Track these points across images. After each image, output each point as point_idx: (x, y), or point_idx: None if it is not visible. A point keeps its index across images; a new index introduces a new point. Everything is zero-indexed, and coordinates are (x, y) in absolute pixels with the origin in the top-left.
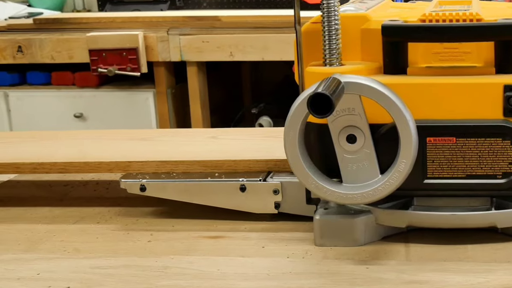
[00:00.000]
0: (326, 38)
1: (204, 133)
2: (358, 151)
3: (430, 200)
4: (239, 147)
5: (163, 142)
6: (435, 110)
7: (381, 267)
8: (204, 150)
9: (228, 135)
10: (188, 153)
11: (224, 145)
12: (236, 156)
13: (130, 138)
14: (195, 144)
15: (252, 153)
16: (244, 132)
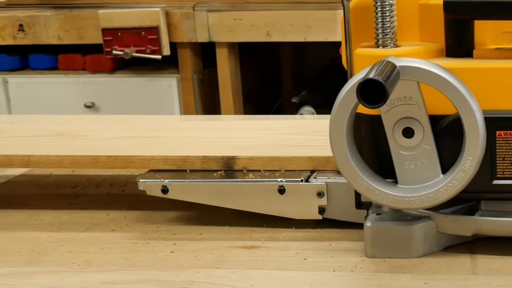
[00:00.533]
0: (379, 15)
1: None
2: (416, 146)
3: (500, 204)
4: (274, 141)
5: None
6: (507, 99)
7: (442, 282)
8: (228, 143)
9: (260, 126)
10: (205, 147)
11: (254, 138)
12: (270, 152)
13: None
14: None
15: (291, 148)
16: (281, 122)
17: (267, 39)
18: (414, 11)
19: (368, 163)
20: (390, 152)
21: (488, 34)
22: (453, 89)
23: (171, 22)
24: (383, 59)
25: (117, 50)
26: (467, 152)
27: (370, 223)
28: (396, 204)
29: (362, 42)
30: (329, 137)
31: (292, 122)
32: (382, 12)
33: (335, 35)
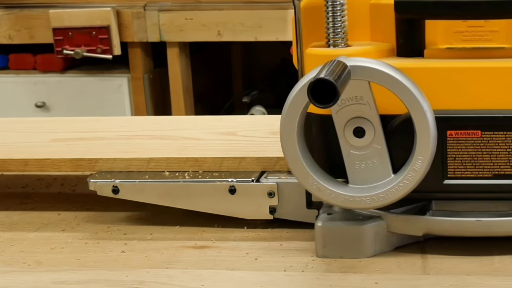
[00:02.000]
0: (330, 14)
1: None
2: (366, 146)
3: (451, 204)
4: (225, 142)
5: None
6: (457, 99)
7: (393, 282)
8: (179, 145)
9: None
10: (161, 148)
11: (207, 140)
12: (221, 152)
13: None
14: (171, 136)
15: (241, 149)
16: (232, 122)
17: (218, 38)
18: (365, 11)
19: (319, 163)
20: (341, 152)
21: (439, 33)
22: (404, 89)
23: (122, 21)
24: (334, 58)
25: (68, 49)
26: (418, 151)
27: (321, 223)
28: (347, 204)
29: (313, 42)
30: (280, 137)
31: (243, 121)
32: (333, 11)
33: (286, 35)
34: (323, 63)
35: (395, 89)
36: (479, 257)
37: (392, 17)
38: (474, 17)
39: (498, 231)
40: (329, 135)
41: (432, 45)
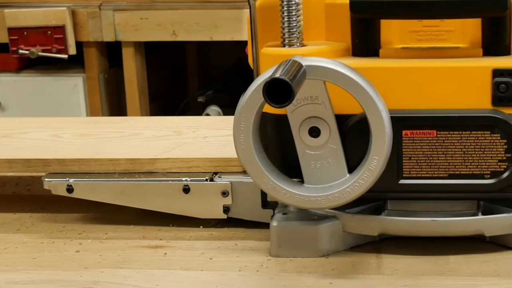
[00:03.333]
0: (285, 14)
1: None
2: (322, 146)
3: (407, 204)
4: (179, 142)
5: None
6: (412, 98)
7: (347, 281)
8: (130, 145)
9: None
10: (114, 150)
11: (160, 140)
12: (174, 153)
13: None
14: (122, 137)
15: (196, 149)
16: (186, 122)
17: (173, 38)
18: (320, 11)
19: (274, 163)
20: (296, 152)
21: (394, 33)
22: (359, 89)
23: (77, 21)
24: (289, 58)
25: (23, 49)
26: (373, 151)
27: (276, 223)
28: (302, 204)
29: (269, 41)
30: (233, 137)
31: (197, 121)
32: (288, 11)
33: (241, 34)
34: (278, 63)
35: (350, 88)
36: (434, 257)
37: (348, 16)
38: (429, 16)
39: (453, 231)
40: (285, 134)
41: (387, 44)
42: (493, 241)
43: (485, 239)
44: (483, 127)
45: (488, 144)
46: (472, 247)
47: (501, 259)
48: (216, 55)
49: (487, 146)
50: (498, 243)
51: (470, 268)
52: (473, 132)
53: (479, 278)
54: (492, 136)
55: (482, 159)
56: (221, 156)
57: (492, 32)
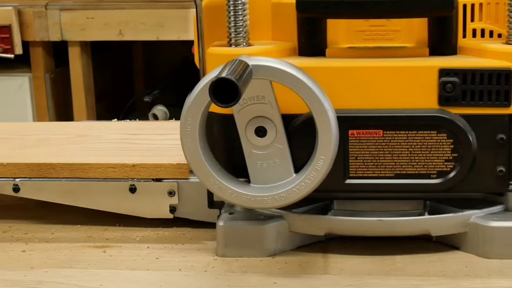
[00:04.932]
0: (232, 14)
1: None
2: (268, 146)
3: (353, 203)
4: (124, 145)
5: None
6: (359, 98)
7: (292, 281)
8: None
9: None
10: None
11: (108, 143)
12: (120, 158)
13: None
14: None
15: (140, 150)
16: (131, 125)
17: (120, 38)
18: (266, 10)
19: (220, 163)
20: (243, 151)
21: (341, 33)
22: (306, 88)
23: (23, 21)
24: (236, 58)
25: None
26: (319, 151)
27: (222, 223)
28: (248, 204)
29: (215, 41)
30: (180, 136)
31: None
32: (235, 11)
33: (187, 34)
34: (224, 63)
35: (296, 88)
36: (381, 257)
37: (294, 16)
38: (375, 16)
39: (400, 231)
40: (231, 134)
41: (334, 44)
42: (440, 241)
43: (431, 239)
44: (430, 127)
45: (435, 144)
46: (418, 247)
47: (448, 258)
48: (163, 54)
49: (433, 145)
50: (445, 242)
51: (416, 268)
52: (420, 132)
53: (425, 278)
54: (438, 136)
55: (429, 159)
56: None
57: (438, 31)
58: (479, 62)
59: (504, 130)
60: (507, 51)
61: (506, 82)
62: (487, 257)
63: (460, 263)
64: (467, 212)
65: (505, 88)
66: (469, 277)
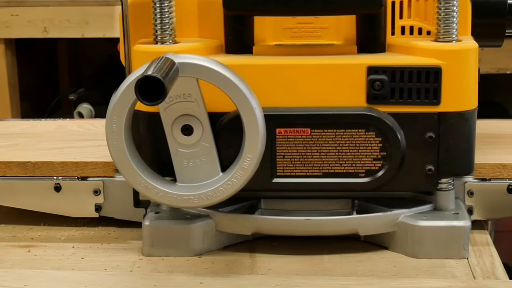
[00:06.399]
0: (158, 11)
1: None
2: (195, 144)
3: (281, 202)
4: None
5: None
6: (286, 96)
7: (218, 281)
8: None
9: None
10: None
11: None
12: (45, 156)
13: None
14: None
15: (66, 148)
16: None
17: (44, 35)
18: (193, 7)
19: (146, 161)
20: (169, 150)
21: (268, 30)
22: (232, 86)
23: None
24: (162, 55)
25: None
26: (246, 150)
27: (148, 222)
28: (174, 203)
29: (141, 39)
30: (105, 135)
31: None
32: (161, 8)
33: (113, 31)
34: (150, 60)
35: (223, 86)
36: (309, 257)
37: (221, 13)
38: (303, 13)
39: (328, 230)
40: (157, 133)
41: (261, 41)
42: (368, 241)
43: (360, 238)
44: (358, 125)
45: (363, 142)
46: (347, 247)
47: (376, 258)
48: (88, 52)
49: (361, 144)
50: (373, 242)
51: (344, 268)
52: (348, 130)
53: (353, 278)
54: (367, 134)
55: (357, 158)
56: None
57: (367, 29)
58: (408, 59)
59: (433, 129)
60: (436, 48)
61: (435, 80)
62: (415, 256)
63: (388, 263)
64: (395, 211)
65: (434, 86)
66: (397, 277)
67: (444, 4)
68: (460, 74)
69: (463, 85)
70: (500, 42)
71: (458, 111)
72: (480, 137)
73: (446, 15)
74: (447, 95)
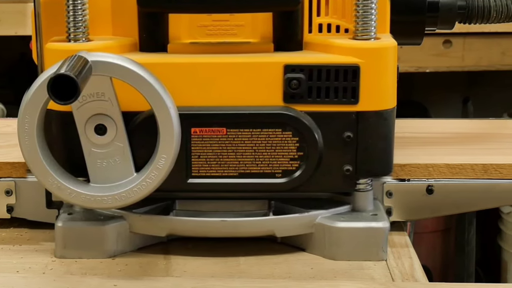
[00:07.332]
0: (71, 8)
1: None
2: (108, 144)
3: (196, 203)
4: None
5: None
6: (202, 95)
7: (132, 283)
8: None
9: None
10: None
11: None
12: None
13: None
14: None
15: None
16: None
17: None
18: (106, 4)
19: (59, 161)
20: (82, 150)
21: (183, 28)
22: (146, 85)
23: None
24: (75, 53)
25: None
26: (161, 149)
27: (61, 223)
28: (88, 204)
29: (54, 36)
30: (17, 134)
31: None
32: (74, 5)
33: (25, 29)
34: (63, 58)
35: (137, 85)
36: (224, 258)
37: (135, 10)
38: (218, 10)
39: (244, 232)
40: (70, 132)
41: (176, 39)
42: (285, 242)
43: (276, 240)
44: (275, 125)
45: (280, 142)
46: (263, 249)
47: (293, 260)
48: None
49: (278, 144)
50: (290, 244)
51: (261, 270)
52: (264, 130)
53: (270, 280)
54: (283, 134)
55: (274, 158)
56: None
57: (283, 26)
58: (325, 58)
59: (351, 128)
60: (354, 46)
61: (353, 79)
62: (333, 258)
63: (306, 264)
64: (313, 212)
65: (352, 84)
66: (315, 279)
67: (362, 1)
68: (379, 73)
69: (382, 83)
70: (420, 40)
71: (376, 110)
72: (399, 137)
73: (364, 12)
74: (365, 94)
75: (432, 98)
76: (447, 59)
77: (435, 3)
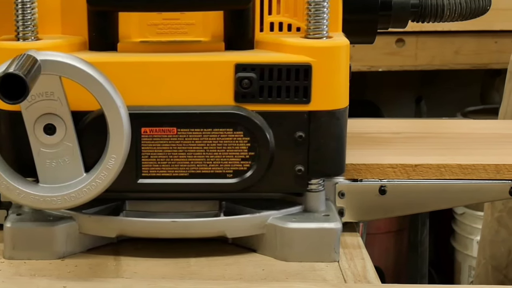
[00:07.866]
0: (19, 6)
1: None
2: (58, 144)
3: (146, 204)
4: None
5: None
6: (152, 94)
7: (83, 284)
8: None
9: None
10: None
11: None
12: None
13: None
14: None
15: None
16: None
17: None
18: (56, 3)
19: (8, 161)
20: (31, 150)
21: (133, 26)
22: (96, 84)
23: None
24: (24, 52)
25: None
26: (111, 149)
27: (9, 224)
28: (37, 204)
29: (2, 35)
30: None
31: None
32: (23, 3)
33: None
34: (12, 57)
35: (86, 84)
36: (175, 260)
37: (84, 9)
38: (168, 9)
39: (194, 232)
40: (19, 132)
41: (126, 38)
42: (236, 243)
43: (227, 241)
44: (226, 124)
45: (231, 142)
46: (214, 250)
47: (244, 261)
48: None
49: (229, 144)
50: (241, 245)
51: (212, 271)
52: (215, 130)
53: (221, 282)
54: (234, 134)
55: (225, 158)
56: None
57: (234, 25)
58: (277, 56)
59: (303, 128)
60: (306, 45)
61: (305, 78)
62: (285, 259)
63: (257, 266)
64: (264, 213)
65: (304, 84)
66: (266, 281)
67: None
68: (331, 72)
69: (334, 83)
70: (372, 39)
71: (328, 110)
72: (352, 137)
73: (316, 11)
74: (317, 93)
75: (385, 97)
76: (400, 58)
77: (388, 2)
